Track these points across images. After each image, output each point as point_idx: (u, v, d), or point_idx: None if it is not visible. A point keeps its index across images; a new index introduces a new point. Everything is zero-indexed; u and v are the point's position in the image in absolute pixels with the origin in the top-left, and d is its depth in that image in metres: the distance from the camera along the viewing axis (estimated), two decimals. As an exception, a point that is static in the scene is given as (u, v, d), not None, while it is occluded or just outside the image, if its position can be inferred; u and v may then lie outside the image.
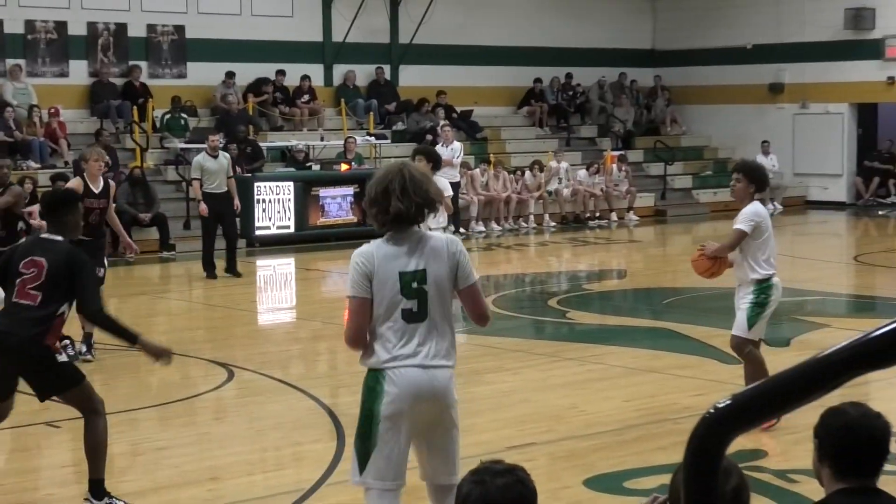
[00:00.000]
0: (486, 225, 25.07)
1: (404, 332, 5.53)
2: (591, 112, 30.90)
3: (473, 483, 3.35)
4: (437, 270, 5.55)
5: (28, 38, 24.03)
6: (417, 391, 5.52)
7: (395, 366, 5.52)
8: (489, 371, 11.45)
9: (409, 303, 5.52)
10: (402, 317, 5.52)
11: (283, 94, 26.40)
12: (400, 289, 5.52)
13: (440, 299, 5.57)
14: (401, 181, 5.49)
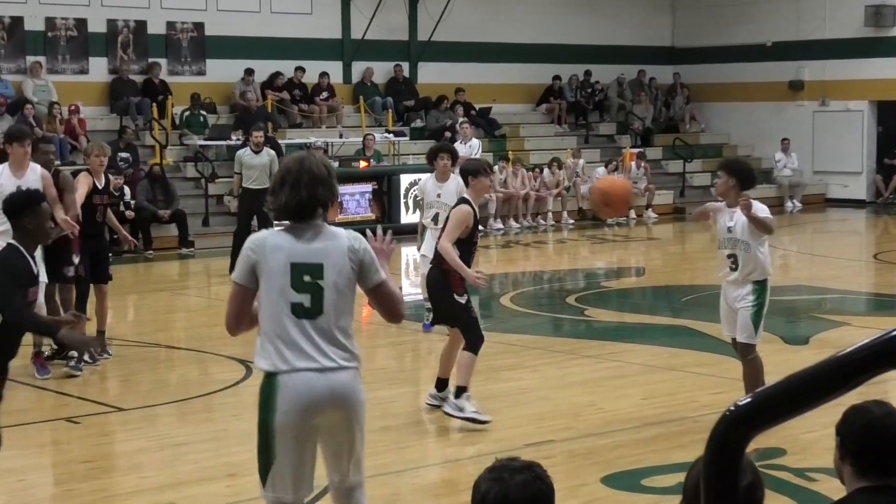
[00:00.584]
0: (505, 222, 25.05)
1: (295, 328, 5.21)
2: (610, 109, 30.86)
3: (492, 481, 3.33)
4: (335, 265, 5.25)
5: (48, 35, 24.12)
6: (313, 399, 5.21)
7: (287, 370, 5.21)
8: (507, 368, 11.45)
9: (299, 296, 5.21)
10: (293, 311, 5.21)
11: (302, 91, 26.43)
12: (290, 280, 5.21)
13: (338, 295, 5.25)
14: (298, 172, 5.27)
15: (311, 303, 5.20)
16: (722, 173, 9.26)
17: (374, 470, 8.18)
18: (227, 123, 24.90)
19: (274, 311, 5.21)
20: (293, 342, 5.20)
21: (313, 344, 5.21)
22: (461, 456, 8.57)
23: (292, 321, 5.20)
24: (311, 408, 5.22)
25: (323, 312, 5.21)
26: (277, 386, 5.20)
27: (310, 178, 5.27)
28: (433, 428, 9.45)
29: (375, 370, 11.93)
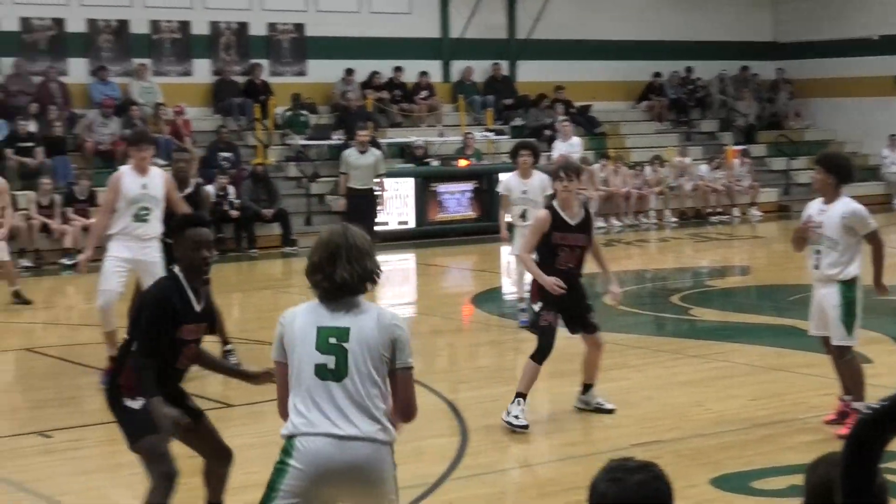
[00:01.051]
0: (606, 220, 24.91)
1: (316, 390, 4.85)
2: (712, 106, 30.55)
3: (609, 481, 3.28)
4: (363, 330, 4.88)
5: (153, 38, 24.48)
6: (324, 469, 4.83)
7: (303, 433, 4.86)
8: (612, 368, 11.35)
9: (323, 357, 4.86)
10: (315, 372, 4.85)
11: (402, 91, 26.52)
12: (315, 341, 4.88)
13: (366, 360, 4.85)
14: (347, 248, 4.95)
15: (336, 364, 4.85)
16: (819, 168, 9.02)
17: (479, 469, 8.19)
18: (328, 123, 25.07)
19: (297, 374, 4.91)
20: (312, 405, 4.85)
21: (334, 407, 4.83)
22: (566, 455, 8.51)
23: (314, 382, 4.86)
24: (322, 479, 4.85)
25: (348, 375, 4.83)
26: (293, 448, 4.86)
27: (358, 253, 4.97)
28: (537, 427, 9.41)
29: (478, 368, 11.93)
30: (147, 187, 10.91)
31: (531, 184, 12.96)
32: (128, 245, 10.86)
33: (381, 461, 4.88)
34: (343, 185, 18.01)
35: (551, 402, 10.21)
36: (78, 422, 9.63)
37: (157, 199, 10.93)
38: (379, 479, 4.89)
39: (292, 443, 4.87)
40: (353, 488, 4.90)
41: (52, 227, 19.96)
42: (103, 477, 8.27)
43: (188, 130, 23.44)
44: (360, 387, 4.83)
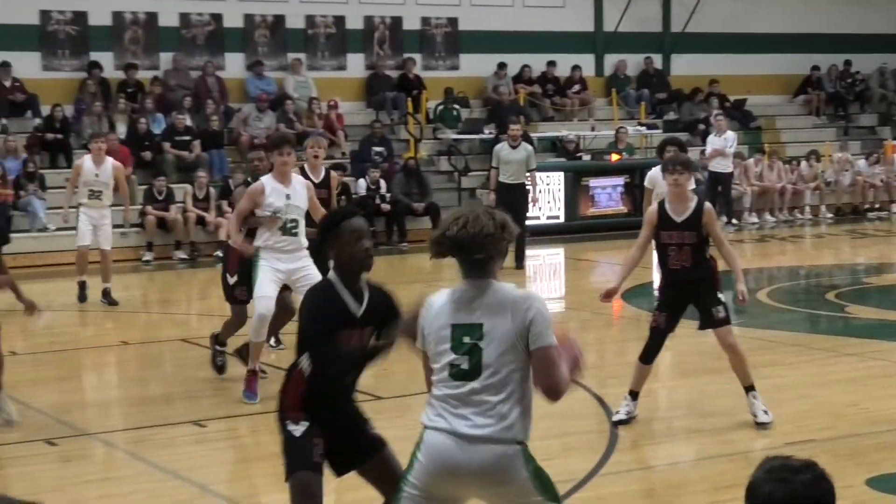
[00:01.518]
0: (760, 216, 24.51)
1: (450, 391, 4.81)
2: (871, 100, 29.84)
3: (776, 481, 3.22)
4: (497, 327, 4.79)
5: (308, 32, 24.82)
6: (445, 467, 4.78)
7: (431, 429, 4.82)
8: (765, 365, 11.15)
9: (458, 358, 4.81)
10: (449, 373, 4.82)
11: (554, 85, 26.43)
12: (449, 341, 4.84)
13: (501, 359, 4.78)
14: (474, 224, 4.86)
15: (469, 364, 4.78)
16: None
17: (627, 465, 8.13)
18: (479, 117, 25.12)
19: (435, 371, 4.89)
20: (445, 404, 4.81)
21: (465, 407, 4.77)
22: (718, 453, 8.39)
23: (448, 382, 4.82)
24: (446, 477, 4.79)
25: (481, 374, 4.77)
26: (422, 442, 4.85)
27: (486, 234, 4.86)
28: (686, 424, 9.30)
29: (627, 364, 11.83)
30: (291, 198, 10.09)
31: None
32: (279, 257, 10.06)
33: (509, 461, 4.77)
34: (494, 179, 18.00)
35: (701, 398, 10.07)
36: (231, 412, 9.81)
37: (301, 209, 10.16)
38: (507, 479, 4.78)
39: (422, 435, 4.85)
40: (480, 489, 4.84)
41: (208, 219, 20.38)
42: (254, 466, 8.40)
43: (341, 124, 23.71)
44: (491, 386, 4.76)
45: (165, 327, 14.20)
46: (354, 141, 23.68)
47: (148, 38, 23.63)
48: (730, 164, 23.35)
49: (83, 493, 7.70)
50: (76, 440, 8.46)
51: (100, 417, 9.03)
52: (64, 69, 23.08)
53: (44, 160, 21.44)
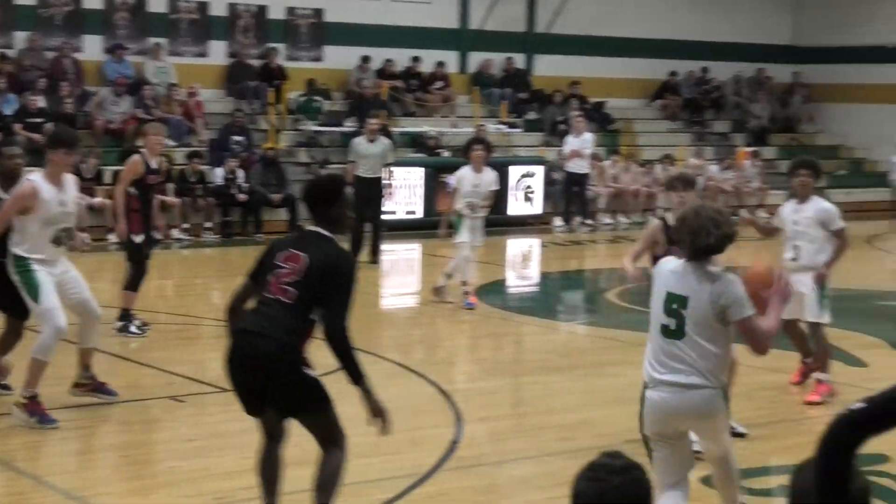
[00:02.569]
0: (614, 217, 24.90)
1: (662, 347, 6.03)
2: (726, 107, 30.51)
3: (589, 480, 3.28)
4: (697, 301, 5.94)
5: (170, 17, 24.48)
6: (668, 412, 6.06)
7: (652, 383, 6.08)
8: (612, 364, 11.38)
9: (668, 320, 6.00)
10: (661, 332, 6.02)
11: (418, 81, 26.50)
12: (663, 305, 6.01)
13: (699, 325, 5.93)
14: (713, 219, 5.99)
15: (676, 326, 5.96)
16: (809, 172, 10.12)
17: (471, 460, 8.20)
18: (341, 110, 25.07)
19: (652, 329, 6.10)
20: (659, 359, 6.04)
21: (674, 361, 5.98)
22: (560, 450, 8.52)
23: (660, 339, 6.03)
24: (668, 419, 6.09)
25: (685, 335, 5.95)
26: (646, 396, 6.14)
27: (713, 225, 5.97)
28: (532, 421, 9.42)
29: (477, 361, 11.95)
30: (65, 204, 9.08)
31: (484, 178, 14.09)
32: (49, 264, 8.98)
33: (709, 401, 6.03)
34: (350, 172, 18.04)
35: (547, 395, 10.21)
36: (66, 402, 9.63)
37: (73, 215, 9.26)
38: (712, 416, 6.08)
39: (644, 391, 6.15)
40: (691, 424, 6.14)
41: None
42: (91, 458, 8.27)
43: (200, 112, 23.44)
44: (693, 345, 5.93)
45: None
46: (214, 129, 23.44)
47: (4, 16, 23.06)
48: (587, 164, 23.70)
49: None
50: None
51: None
52: (-86, 45, 22.42)
53: None
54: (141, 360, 11.16)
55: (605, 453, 3.37)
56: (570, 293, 17.71)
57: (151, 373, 10.67)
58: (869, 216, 27.59)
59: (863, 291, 16.39)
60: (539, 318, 14.37)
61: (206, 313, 14.16)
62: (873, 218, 27.36)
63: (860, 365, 11.48)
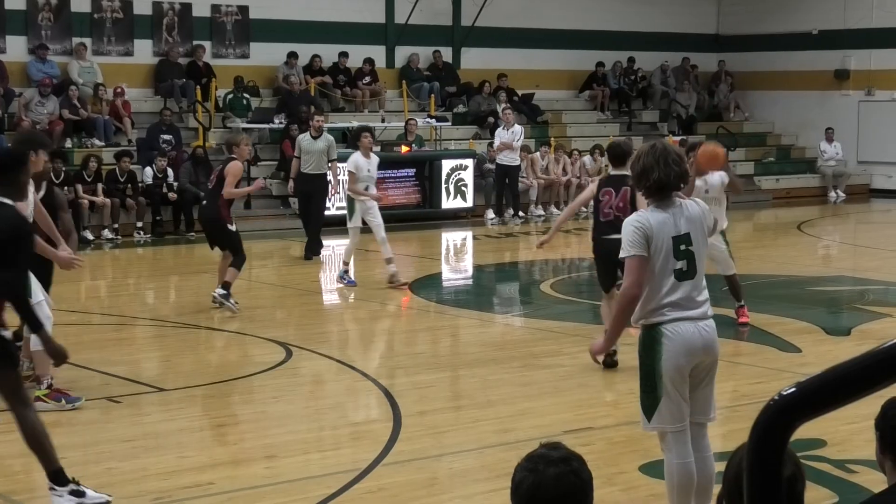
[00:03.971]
0: (546, 208, 25.01)
1: (674, 289, 6.17)
2: (654, 97, 30.73)
3: (527, 471, 3.30)
4: (697, 233, 6.25)
5: (94, 17, 24.24)
6: (692, 346, 6.17)
7: (669, 319, 6.16)
8: (547, 355, 11.44)
9: (679, 263, 6.19)
10: (676, 276, 6.18)
11: (346, 76, 26.45)
12: (673, 251, 6.17)
13: (700, 258, 6.26)
14: (665, 154, 6.19)
15: (687, 266, 6.20)
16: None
17: (412, 454, 8.22)
18: (270, 107, 24.96)
19: (659, 277, 6.17)
20: (674, 300, 6.16)
21: (689, 300, 6.18)
22: (499, 441, 8.56)
23: (674, 283, 6.16)
24: (690, 353, 6.18)
25: (697, 273, 6.23)
26: (662, 335, 6.17)
27: (675, 157, 6.23)
28: (470, 413, 9.46)
29: (414, 355, 11.97)
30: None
31: (373, 162, 15.51)
32: None
33: (716, 332, 6.37)
34: (295, 168, 18.18)
35: (484, 388, 10.25)
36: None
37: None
38: (718, 348, 6.40)
39: (659, 330, 6.18)
40: (704, 358, 6.24)
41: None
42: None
43: (128, 111, 23.25)
44: (700, 280, 6.25)
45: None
46: (142, 128, 23.25)
47: (-76, 18, 22.73)
48: (517, 157, 23.79)
49: None
50: None
51: None
52: None
53: None
54: (76, 361, 11.05)
55: (544, 444, 3.38)
56: (504, 285, 17.77)
57: (87, 374, 10.59)
58: (798, 202, 27.98)
59: (793, 277, 16.61)
60: (474, 310, 14.42)
61: (139, 313, 14.06)
62: (802, 204, 27.75)
63: (794, 350, 11.63)
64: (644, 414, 6.35)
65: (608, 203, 10.81)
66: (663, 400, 6.22)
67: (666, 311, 6.19)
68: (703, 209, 6.42)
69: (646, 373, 6.29)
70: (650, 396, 6.28)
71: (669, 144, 6.52)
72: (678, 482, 6.38)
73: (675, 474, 6.37)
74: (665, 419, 6.26)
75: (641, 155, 6.28)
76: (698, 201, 6.57)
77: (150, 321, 13.53)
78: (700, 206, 6.44)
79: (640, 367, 6.35)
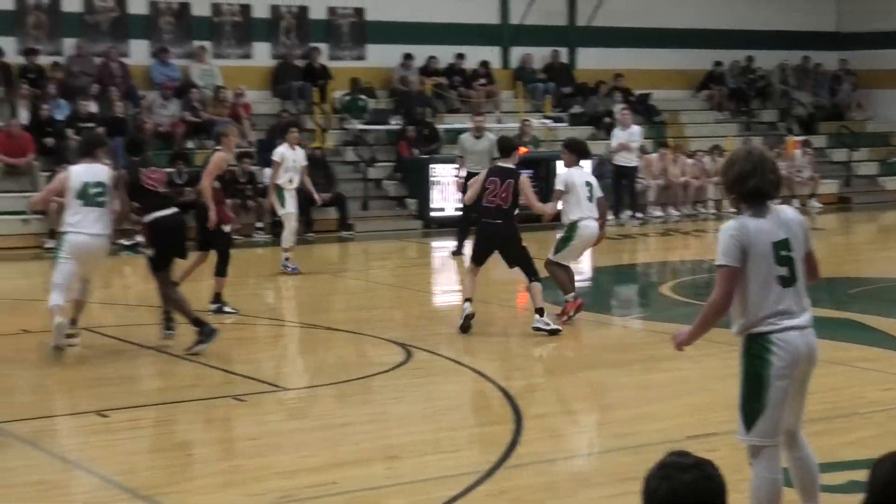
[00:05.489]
0: (664, 210, 24.78)
1: (781, 297, 5.98)
2: (772, 96, 30.30)
3: (661, 479, 3.28)
4: (796, 238, 6.05)
5: (214, 20, 24.59)
6: (799, 354, 6.01)
7: (779, 329, 5.96)
8: (667, 358, 11.29)
9: (782, 269, 5.99)
10: (780, 283, 5.99)
11: (461, 77, 26.48)
12: (774, 257, 5.97)
13: (800, 261, 6.06)
14: (762, 161, 6.01)
15: (789, 272, 6.01)
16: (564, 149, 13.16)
17: (532, 458, 8.17)
18: (386, 108, 25.09)
19: (763, 284, 5.96)
20: (779, 308, 5.96)
21: (794, 307, 6.00)
22: (619, 445, 8.47)
23: (779, 290, 5.96)
24: (797, 362, 6.02)
25: (797, 279, 6.04)
26: (771, 343, 5.97)
27: (773, 164, 6.06)
28: (591, 417, 9.39)
29: (532, 357, 11.93)
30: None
31: (297, 154, 16.71)
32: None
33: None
34: (461, 167, 18.52)
35: (604, 391, 10.17)
36: (134, 402, 9.71)
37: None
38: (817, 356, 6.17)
39: (768, 338, 5.97)
40: (806, 367, 6.10)
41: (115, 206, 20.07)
42: (157, 457, 8.32)
43: (247, 113, 23.54)
44: (802, 287, 6.07)
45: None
46: (261, 130, 23.53)
47: (51, 24, 23.26)
48: (635, 157, 23.59)
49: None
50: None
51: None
52: (-36, 53, 22.64)
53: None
54: (199, 360, 11.22)
55: (672, 452, 3.38)
56: (622, 287, 17.64)
57: (209, 371, 10.73)
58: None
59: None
60: (592, 312, 14.32)
61: (260, 312, 14.21)
62: (925, 205, 27.13)
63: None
64: (744, 423, 6.16)
65: (493, 192, 12.30)
66: (768, 411, 6.04)
67: (775, 319, 5.98)
68: (798, 214, 6.24)
69: (752, 380, 6.08)
70: (754, 405, 6.07)
71: (766, 150, 6.33)
72: (766, 499, 6.21)
73: (764, 490, 6.21)
74: (764, 432, 6.09)
75: (737, 160, 6.05)
76: (791, 208, 6.39)
77: (270, 320, 13.66)
78: (795, 212, 6.26)
79: (745, 375, 6.13)
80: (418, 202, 22.93)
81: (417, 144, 23.65)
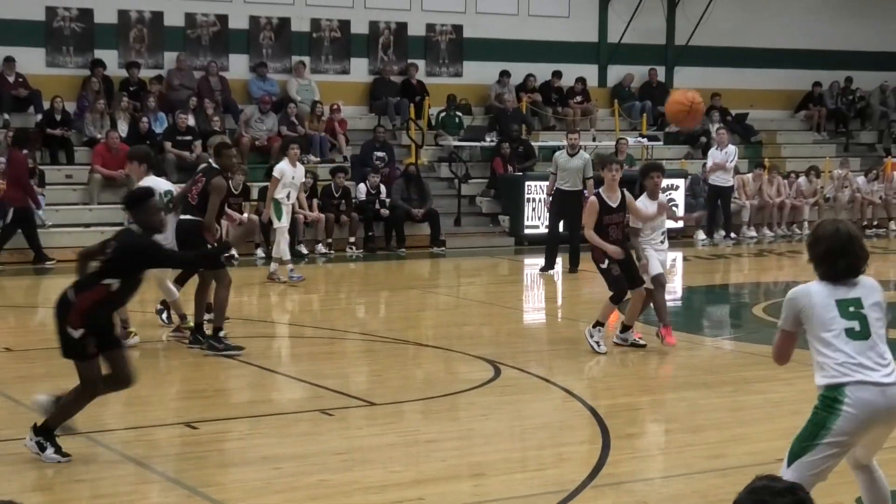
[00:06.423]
0: (759, 230, 24.54)
1: (852, 350, 5.88)
2: (872, 117, 29.87)
3: (752, 503, 3.27)
4: (869, 297, 5.97)
5: (313, 36, 24.85)
6: (875, 412, 5.86)
7: (852, 382, 5.84)
8: (760, 380, 11.20)
9: (850, 323, 5.91)
10: (848, 335, 5.89)
11: (557, 94, 26.46)
12: (839, 311, 5.91)
13: (878, 322, 5.95)
14: (848, 242, 5.97)
15: (860, 327, 5.90)
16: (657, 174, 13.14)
17: (619, 477, 8.13)
18: (481, 125, 25.15)
19: (831, 337, 5.90)
20: (853, 361, 5.86)
21: (870, 361, 5.86)
22: (709, 468, 8.40)
23: (848, 343, 5.89)
24: (871, 420, 5.88)
25: (871, 334, 5.91)
26: (844, 395, 5.85)
27: (861, 243, 6.05)
28: (680, 438, 9.32)
29: (622, 376, 11.86)
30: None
31: (298, 171, 17.13)
32: None
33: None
34: (552, 185, 18.41)
35: (694, 412, 10.09)
36: (223, 414, 9.82)
37: None
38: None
39: (842, 391, 5.83)
40: (885, 426, 5.97)
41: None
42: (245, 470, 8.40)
43: (343, 129, 23.73)
44: (879, 342, 5.92)
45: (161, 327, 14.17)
46: (356, 145, 23.71)
47: (153, 37, 23.66)
48: (730, 177, 23.40)
49: (72, 492, 7.70)
50: (66, 439, 8.45)
51: (90, 417, 9.03)
52: (68, 66, 23.10)
53: (44, 156, 21.45)
54: (289, 374, 11.31)
55: (762, 476, 3.36)
56: (714, 308, 17.49)
57: (299, 385, 10.82)
58: None
59: None
60: (683, 332, 14.20)
61: (350, 327, 14.30)
62: None
63: None
64: (788, 457, 6.07)
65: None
66: (818, 456, 5.93)
67: (845, 370, 5.87)
68: (875, 283, 6.12)
69: (814, 423, 5.99)
70: (804, 446, 5.99)
71: (853, 227, 6.20)
72: None
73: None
74: (802, 474, 5.91)
75: (822, 237, 6.02)
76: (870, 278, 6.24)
77: (360, 335, 13.74)
78: (873, 280, 6.14)
79: (812, 417, 6.04)
80: (511, 219, 22.93)
81: (512, 161, 23.67)
